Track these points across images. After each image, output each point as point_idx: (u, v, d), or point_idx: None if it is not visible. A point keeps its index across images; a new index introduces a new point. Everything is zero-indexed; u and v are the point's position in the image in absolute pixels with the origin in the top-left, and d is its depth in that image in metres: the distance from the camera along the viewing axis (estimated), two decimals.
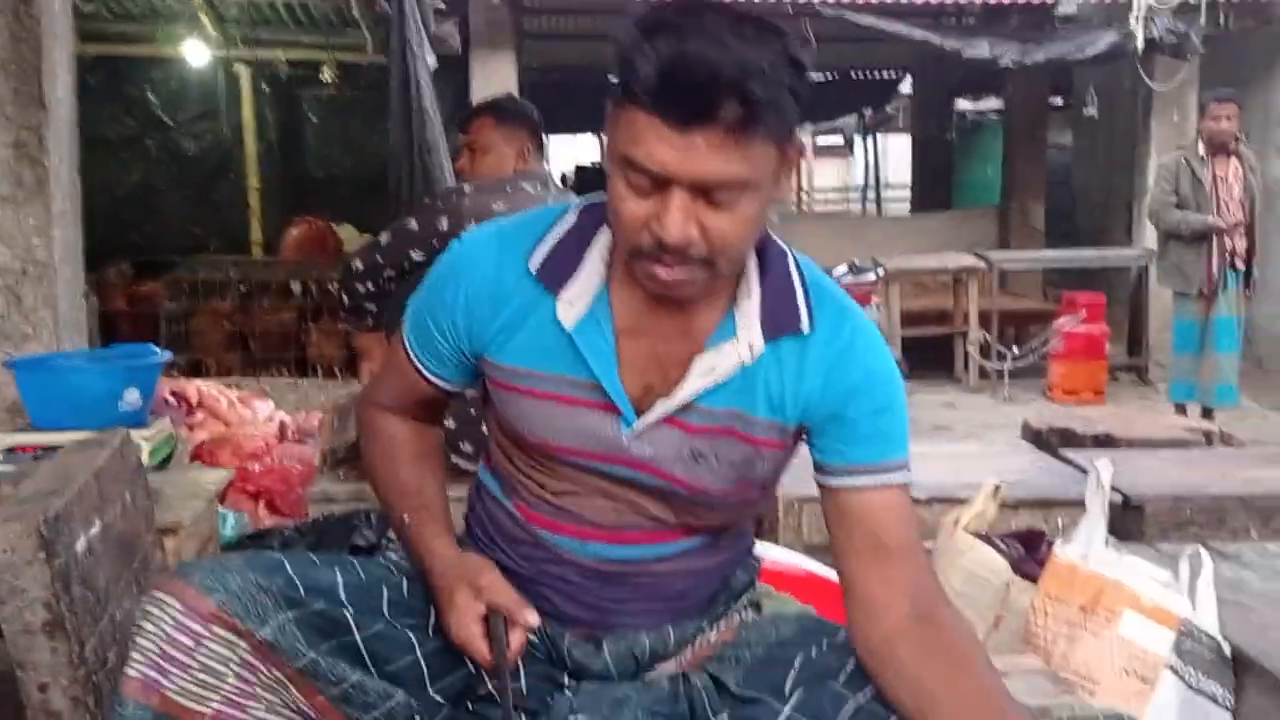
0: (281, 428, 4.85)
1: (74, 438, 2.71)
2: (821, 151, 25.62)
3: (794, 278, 1.62)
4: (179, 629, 1.50)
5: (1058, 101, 13.41)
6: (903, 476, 1.60)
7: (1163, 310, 8.33)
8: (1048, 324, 9.03)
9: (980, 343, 9.14)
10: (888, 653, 1.53)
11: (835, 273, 8.42)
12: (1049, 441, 4.23)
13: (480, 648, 1.61)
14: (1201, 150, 7.07)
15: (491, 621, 1.62)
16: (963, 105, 17.35)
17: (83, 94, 4.62)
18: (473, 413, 3.21)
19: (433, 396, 1.79)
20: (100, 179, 8.82)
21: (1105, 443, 4.17)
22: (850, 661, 1.59)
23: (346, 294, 3.53)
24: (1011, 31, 9.43)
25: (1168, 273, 7.27)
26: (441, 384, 1.76)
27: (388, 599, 1.69)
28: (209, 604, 1.51)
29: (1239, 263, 7.03)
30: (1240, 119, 7.04)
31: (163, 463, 3.58)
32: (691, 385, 1.57)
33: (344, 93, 9.63)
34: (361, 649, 1.61)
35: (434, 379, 1.75)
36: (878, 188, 19.76)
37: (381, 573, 1.73)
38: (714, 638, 1.76)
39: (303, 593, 1.58)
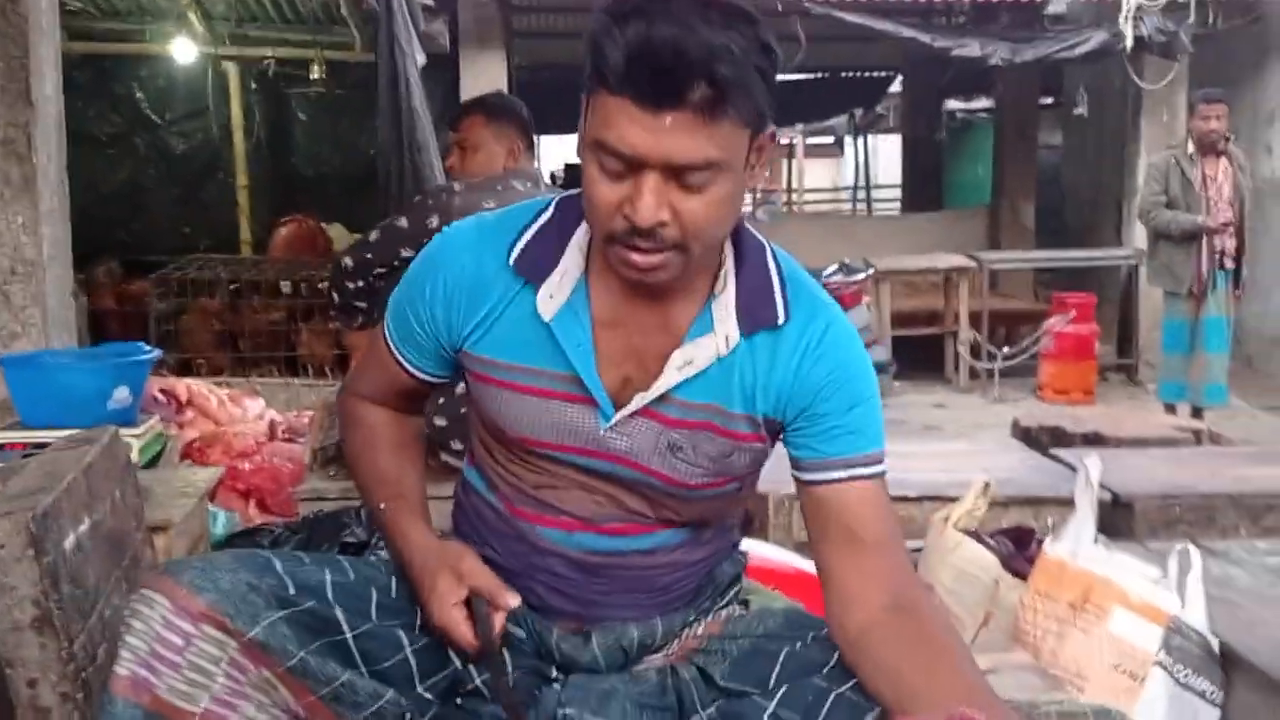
0: (271, 426, 4.85)
1: (63, 436, 2.70)
2: (812, 151, 25.64)
3: (771, 271, 1.63)
4: (169, 628, 1.50)
5: (1047, 101, 13.43)
6: (878, 469, 1.62)
7: (1152, 310, 8.35)
8: (1038, 324, 9.05)
9: (970, 343, 9.15)
10: (866, 644, 1.54)
11: (826, 272, 8.44)
12: (1039, 440, 4.24)
13: (464, 632, 1.62)
14: (1191, 150, 7.08)
15: (474, 605, 1.63)
16: (953, 105, 17.37)
17: (70, 92, 4.61)
18: (463, 411, 3.20)
19: (413, 387, 1.80)
20: (88, 177, 8.78)
21: (1095, 441, 4.18)
22: (835, 655, 1.59)
23: (336, 292, 3.53)
24: (1001, 30, 9.45)
25: (1157, 272, 7.28)
26: (421, 375, 1.77)
27: (376, 598, 1.69)
28: (199, 603, 1.51)
29: (1228, 262, 7.04)
30: (1229, 119, 7.05)
31: (152, 461, 3.57)
32: (668, 378, 1.59)
33: (333, 91, 9.59)
34: (351, 648, 1.61)
35: (413, 370, 1.76)
36: (868, 188, 19.77)
37: (371, 572, 1.73)
38: (701, 631, 1.77)
39: (292, 592, 1.58)
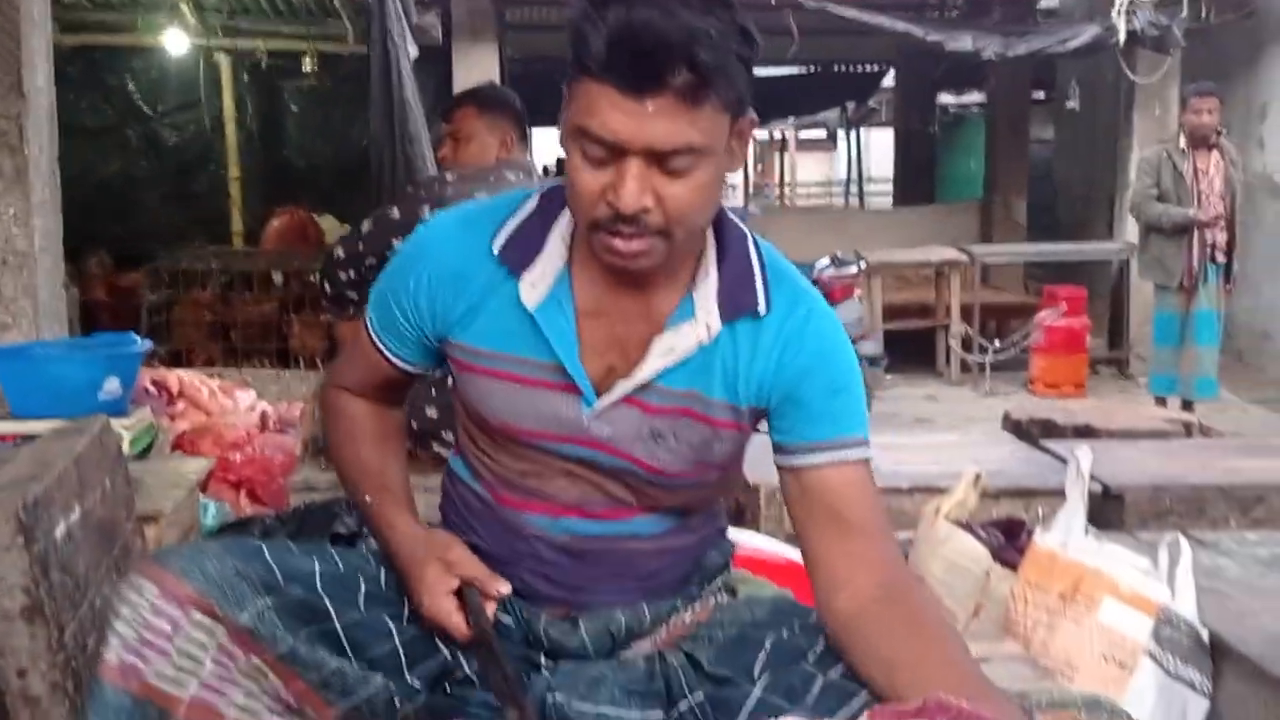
0: (263, 418, 4.84)
1: (54, 426, 2.70)
2: (804, 145, 25.67)
3: (753, 260, 1.64)
4: (157, 614, 1.50)
5: (1040, 95, 13.44)
6: (861, 453, 1.63)
7: (1143, 304, 8.36)
8: (1029, 318, 9.06)
9: (962, 336, 9.16)
10: (855, 629, 1.55)
11: (817, 266, 8.43)
12: (1029, 432, 4.24)
13: (456, 622, 1.63)
14: (1183, 144, 7.09)
15: (466, 594, 1.64)
16: (945, 99, 17.39)
17: (62, 84, 4.60)
18: (454, 402, 3.20)
19: (395, 378, 1.81)
20: (80, 169, 8.76)
21: (1085, 433, 4.18)
22: (821, 642, 1.60)
23: (328, 282, 3.52)
24: (994, 24, 9.45)
25: (1149, 266, 7.29)
26: (404, 365, 1.77)
27: (365, 588, 1.70)
28: (187, 589, 1.51)
29: (1219, 256, 7.06)
30: (1221, 112, 7.06)
31: (143, 452, 3.57)
32: (651, 365, 1.60)
33: (325, 83, 9.60)
34: (340, 636, 1.61)
35: (396, 360, 1.77)
36: (860, 181, 19.79)
37: (360, 562, 1.74)
38: (689, 618, 1.77)
39: (280, 579, 1.59)
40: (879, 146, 20.38)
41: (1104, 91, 10.19)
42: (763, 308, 1.61)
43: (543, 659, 1.73)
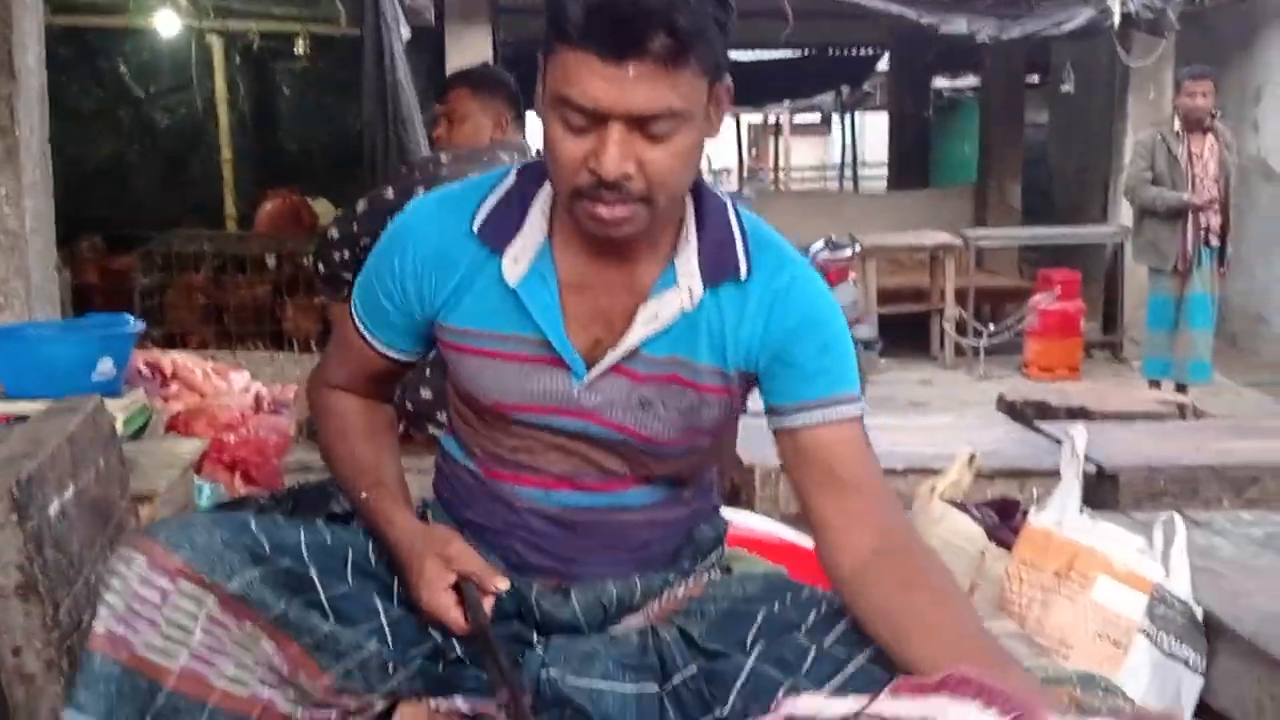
0: (257, 399, 4.83)
1: (46, 405, 2.69)
2: (798, 130, 25.63)
3: (732, 226, 1.65)
4: (146, 585, 1.51)
5: (1034, 79, 13.42)
6: (854, 410, 1.63)
7: (1138, 287, 8.36)
8: (1024, 301, 9.05)
9: (956, 320, 9.16)
10: (860, 586, 1.56)
11: (812, 249, 8.43)
12: (1024, 414, 4.25)
13: (455, 616, 1.63)
14: (1177, 127, 7.10)
15: (465, 589, 1.64)
16: (940, 83, 17.36)
17: (53, 66, 4.59)
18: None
19: (384, 370, 1.81)
20: (72, 152, 8.73)
21: (1080, 415, 4.19)
22: (813, 613, 1.61)
23: (322, 262, 3.51)
24: (988, 7, 9.41)
25: (1143, 249, 7.29)
26: (393, 355, 1.77)
27: (352, 562, 1.70)
28: (175, 560, 1.52)
29: (1214, 239, 7.06)
30: (1216, 96, 7.06)
31: (138, 433, 3.57)
32: (636, 334, 1.61)
33: (317, 65, 9.55)
34: (326, 608, 1.61)
35: (385, 350, 1.77)
36: (855, 166, 19.77)
37: (349, 537, 1.74)
38: (681, 593, 1.78)
39: (268, 550, 1.59)
40: (873, 131, 20.38)
41: (1098, 75, 10.17)
42: (744, 271, 1.62)
43: (535, 636, 1.73)
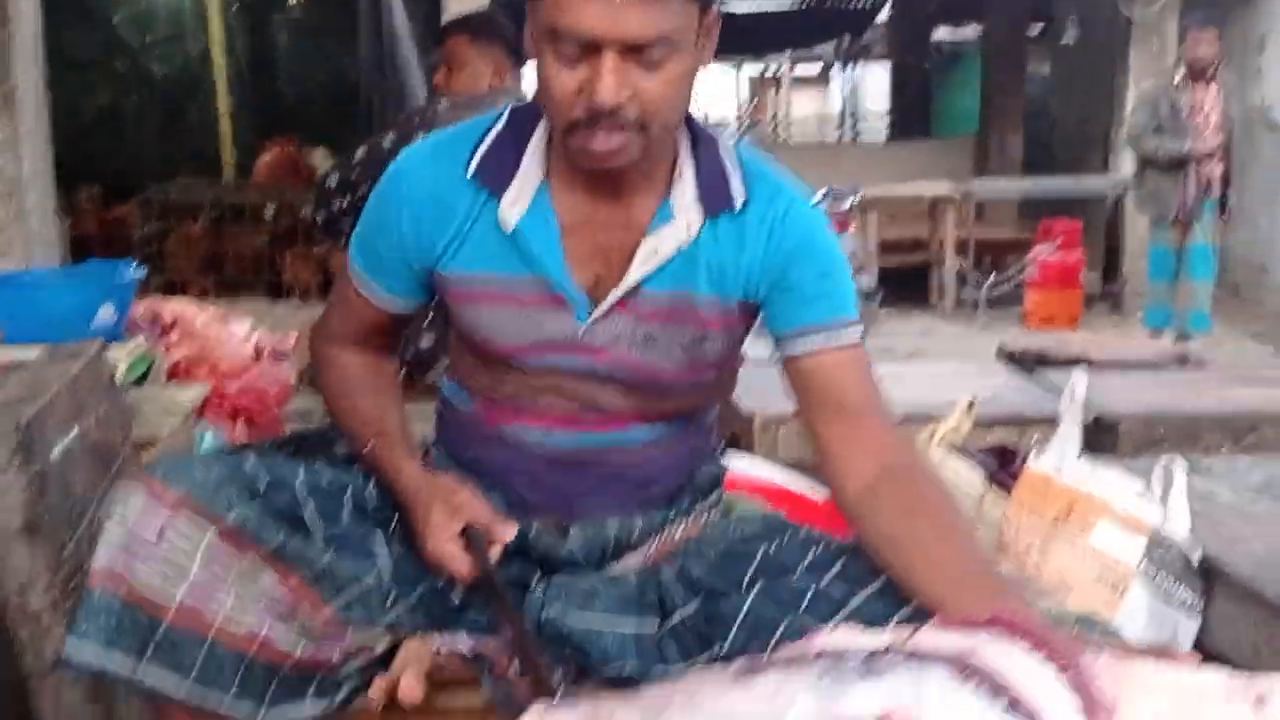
0: (257, 348, 4.81)
1: (47, 350, 2.69)
2: (798, 82, 25.49)
3: (726, 158, 1.66)
4: (144, 519, 1.51)
5: (1036, 30, 13.34)
6: (854, 335, 1.65)
7: (1139, 239, 8.36)
8: (1024, 253, 9.05)
9: (957, 271, 9.15)
10: (865, 511, 1.58)
11: (813, 200, 8.40)
12: (1024, 363, 4.24)
13: (461, 564, 1.63)
14: (1180, 77, 7.07)
15: (471, 536, 1.64)
16: (941, 34, 17.26)
17: (49, 16, 4.56)
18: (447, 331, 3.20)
19: (385, 322, 1.80)
20: (69, 103, 8.67)
21: (1080, 364, 4.18)
22: (811, 553, 1.62)
23: (322, 209, 3.51)
24: None
25: (1144, 200, 7.28)
26: (393, 306, 1.76)
27: (351, 500, 1.70)
28: (173, 494, 1.52)
29: (1215, 190, 7.06)
30: (1220, 46, 7.03)
31: (139, 380, 3.56)
32: (636, 271, 1.62)
33: (314, 12, 9.51)
34: (325, 543, 1.62)
35: (385, 302, 1.76)
36: (855, 117, 19.69)
37: (348, 477, 1.73)
38: (680, 534, 1.79)
39: (267, 487, 1.60)
40: (874, 82, 20.27)
41: (1101, 26, 10.12)
42: (739, 201, 1.63)
43: (535, 579, 1.73)
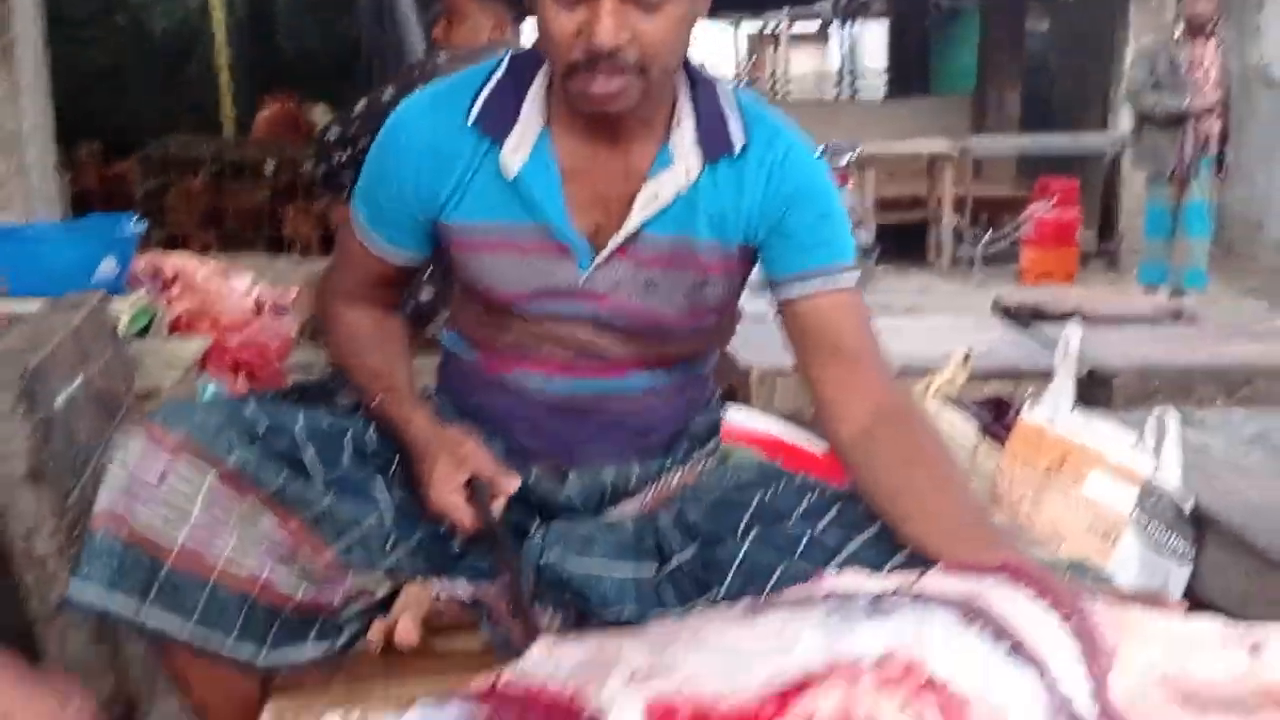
0: (258, 303, 4.82)
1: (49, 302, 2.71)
2: (797, 39, 25.36)
3: (725, 103, 1.67)
4: (145, 462, 1.53)
5: None
6: (851, 279, 1.66)
7: (1136, 196, 8.35)
8: (1021, 211, 9.05)
9: (954, 228, 9.15)
10: (860, 456, 1.60)
11: None
12: (1019, 317, 4.25)
13: (464, 516, 1.65)
14: (1179, 33, 7.06)
15: (475, 488, 1.65)
16: None
17: None
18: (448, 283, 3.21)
19: (390, 275, 1.79)
20: (69, 59, 8.62)
21: (1075, 317, 4.19)
22: (806, 500, 1.64)
23: (322, 161, 3.51)
24: None
25: (1142, 156, 7.28)
26: (397, 259, 1.76)
27: (352, 445, 1.71)
28: (174, 437, 1.54)
29: (1213, 146, 7.06)
30: (1219, 2, 7.01)
31: (141, 332, 3.58)
32: (637, 216, 1.62)
33: None
34: (325, 486, 1.63)
35: (389, 254, 1.76)
36: (853, 74, 19.60)
37: (348, 422, 1.74)
38: (676, 480, 1.81)
39: (266, 431, 1.61)
40: (873, 39, 20.17)
41: None
42: (738, 145, 1.64)
43: (534, 525, 1.75)
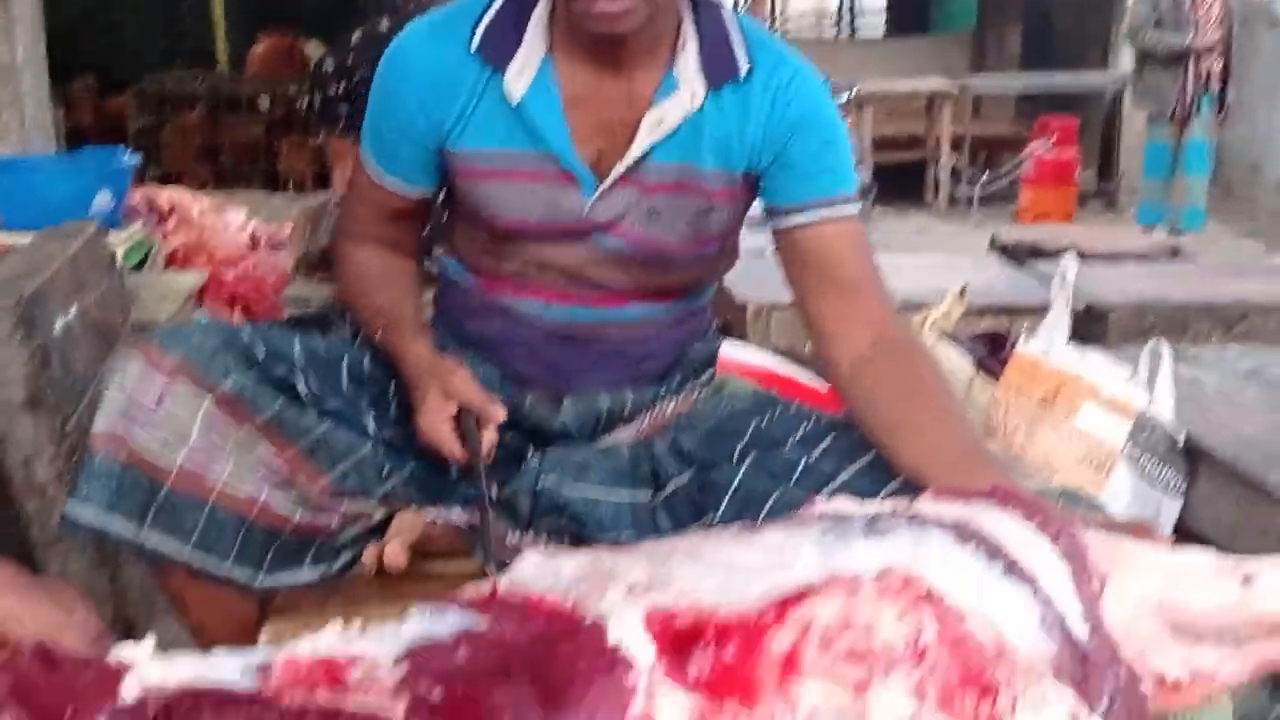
0: (253, 238, 4.83)
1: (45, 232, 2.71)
2: None
3: (728, 27, 1.66)
4: (143, 384, 1.53)
5: None
6: (852, 209, 1.66)
7: (1135, 135, 8.32)
8: (1020, 150, 9.01)
9: (952, 168, 9.12)
10: (857, 385, 1.60)
11: None
12: (1016, 255, 4.25)
13: (453, 446, 1.65)
14: None
15: (464, 419, 1.66)
16: None
17: None
18: (445, 218, 3.20)
19: (400, 209, 1.78)
20: None
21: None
22: (802, 428, 1.65)
23: (318, 92, 3.49)
24: None
25: (1143, 95, 7.26)
26: (408, 189, 1.75)
27: (348, 371, 1.71)
28: (171, 360, 1.54)
29: (1214, 85, 7.02)
30: None
31: (138, 265, 3.58)
32: (641, 142, 1.62)
33: None
34: (321, 414, 1.63)
35: (398, 187, 1.75)
36: (852, 13, 19.46)
37: (344, 348, 1.75)
38: (671, 409, 1.81)
39: (263, 356, 1.61)
40: None
41: None
42: (743, 70, 1.63)
43: (530, 450, 1.76)
